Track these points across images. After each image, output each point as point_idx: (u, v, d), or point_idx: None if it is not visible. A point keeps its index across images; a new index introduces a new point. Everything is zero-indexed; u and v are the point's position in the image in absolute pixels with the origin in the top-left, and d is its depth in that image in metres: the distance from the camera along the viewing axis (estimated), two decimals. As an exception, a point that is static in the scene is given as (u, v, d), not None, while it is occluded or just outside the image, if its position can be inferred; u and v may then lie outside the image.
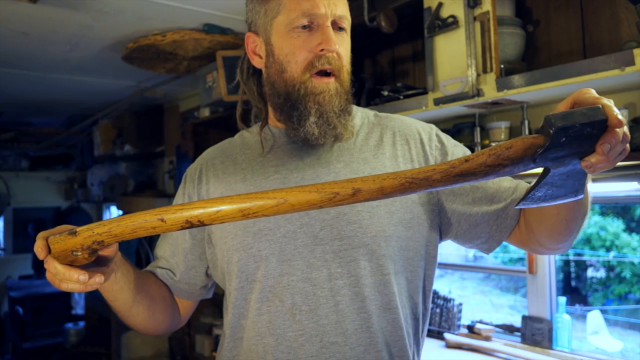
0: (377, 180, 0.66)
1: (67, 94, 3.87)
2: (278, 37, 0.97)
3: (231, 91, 2.61)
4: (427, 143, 1.01)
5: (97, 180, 5.26)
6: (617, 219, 3.66)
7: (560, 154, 0.63)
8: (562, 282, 3.60)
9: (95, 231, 0.72)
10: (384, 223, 0.93)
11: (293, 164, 0.99)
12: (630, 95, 1.66)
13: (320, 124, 0.94)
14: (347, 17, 0.98)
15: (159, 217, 0.69)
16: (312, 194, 0.66)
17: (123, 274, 0.91)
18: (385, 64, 2.45)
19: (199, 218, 0.68)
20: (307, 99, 0.95)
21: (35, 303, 5.27)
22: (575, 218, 0.84)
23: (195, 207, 0.68)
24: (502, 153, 0.63)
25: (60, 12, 2.21)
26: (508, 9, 1.82)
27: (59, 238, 0.73)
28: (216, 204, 0.68)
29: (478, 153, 0.65)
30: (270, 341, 0.93)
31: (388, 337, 0.93)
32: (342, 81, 0.97)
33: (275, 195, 0.67)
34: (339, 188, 0.66)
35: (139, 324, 1.02)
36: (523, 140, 0.63)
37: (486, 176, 0.65)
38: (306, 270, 0.92)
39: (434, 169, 0.65)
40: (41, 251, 0.74)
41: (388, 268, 0.93)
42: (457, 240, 1.03)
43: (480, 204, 0.96)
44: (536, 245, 0.94)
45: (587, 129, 0.61)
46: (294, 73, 0.95)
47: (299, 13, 0.94)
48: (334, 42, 0.93)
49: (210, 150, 1.12)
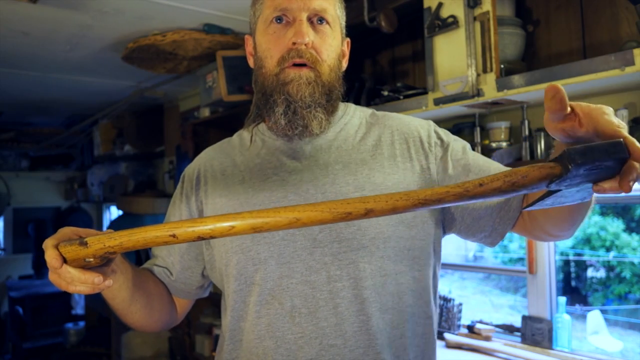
0: (389, 202, 0.66)
1: (67, 94, 3.87)
2: (259, 35, 0.99)
3: (231, 91, 2.61)
4: (426, 141, 1.01)
5: (97, 180, 5.25)
6: (617, 219, 3.66)
7: (575, 182, 0.63)
8: (562, 282, 3.60)
9: (106, 244, 0.72)
10: (383, 224, 0.92)
11: (291, 165, 0.98)
12: (630, 95, 1.66)
13: (287, 114, 0.94)
14: (327, 9, 0.96)
15: (170, 233, 0.69)
16: (324, 214, 0.67)
17: (122, 273, 0.91)
18: (385, 64, 2.45)
19: (211, 234, 0.69)
20: (276, 89, 0.95)
21: (35, 303, 5.27)
22: (579, 209, 0.84)
23: (207, 223, 0.69)
24: (517, 181, 0.63)
25: (60, 12, 2.21)
26: (508, 9, 1.82)
27: (71, 249, 0.74)
28: (229, 219, 0.68)
29: (493, 178, 0.65)
30: (269, 344, 0.92)
31: (388, 339, 0.92)
32: (321, 73, 0.95)
33: (288, 214, 0.67)
34: (351, 208, 0.67)
35: (137, 321, 1.02)
36: (540, 171, 0.63)
37: (497, 197, 0.66)
38: (305, 272, 0.92)
39: (448, 191, 0.66)
40: (57, 261, 0.73)
41: (388, 269, 0.92)
42: (461, 235, 1.02)
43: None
44: (540, 232, 0.94)
45: (606, 164, 0.60)
46: (270, 67, 0.96)
47: (272, 8, 0.95)
48: (305, 35, 0.93)
49: (209, 151, 1.11)
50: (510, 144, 1.90)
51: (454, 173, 0.97)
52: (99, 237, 0.73)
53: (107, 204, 5.96)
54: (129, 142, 4.38)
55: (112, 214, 6.20)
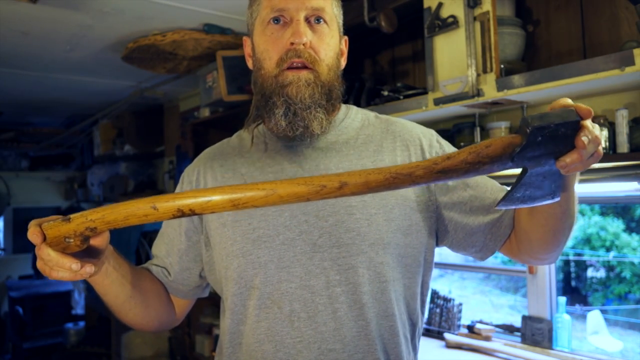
0: (362, 175, 0.69)
1: (67, 94, 3.87)
2: (257, 36, 0.99)
3: (231, 91, 2.61)
4: (427, 149, 1.01)
5: (97, 180, 5.26)
6: (617, 219, 3.66)
7: (537, 153, 0.67)
8: (562, 282, 3.60)
9: (88, 217, 0.73)
10: (382, 230, 0.93)
11: (292, 170, 0.98)
12: (630, 95, 1.66)
13: (288, 115, 0.94)
14: (325, 8, 0.96)
15: (151, 204, 0.71)
16: (300, 187, 0.69)
17: (115, 268, 0.91)
18: (385, 64, 2.45)
19: (190, 207, 0.70)
20: (276, 91, 0.95)
21: (35, 303, 5.27)
22: (562, 229, 0.86)
23: (187, 197, 0.71)
24: (481, 151, 0.67)
25: (60, 12, 2.21)
26: (508, 9, 1.82)
27: (53, 224, 0.74)
28: (207, 193, 0.70)
29: (460, 151, 0.69)
30: (269, 348, 0.92)
31: (386, 344, 0.93)
32: (320, 74, 0.95)
33: (265, 186, 0.69)
34: (326, 181, 0.69)
35: (132, 319, 1.01)
36: (502, 140, 0.67)
37: (467, 173, 0.69)
38: (304, 277, 0.92)
39: (418, 165, 0.69)
40: (36, 237, 0.73)
41: (386, 275, 0.93)
42: (452, 248, 1.04)
43: (477, 214, 0.97)
44: (525, 255, 0.96)
45: (561, 129, 0.65)
46: (269, 68, 0.96)
47: (269, 9, 0.95)
48: (303, 35, 0.92)
49: (208, 152, 1.11)
50: (510, 144, 1.89)
51: (453, 184, 0.98)
52: (82, 212, 0.74)
53: (107, 204, 5.95)
54: (129, 142, 4.38)
55: (112, 214, 6.18)
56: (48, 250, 0.74)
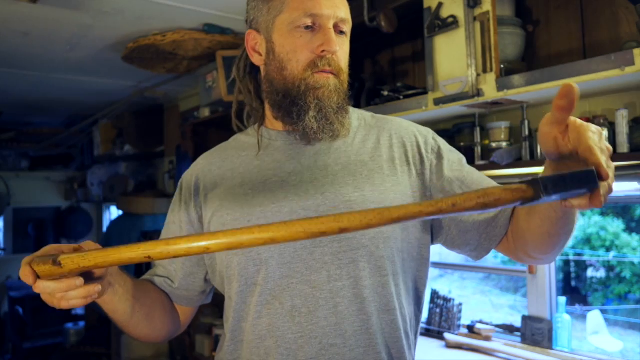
0: (364, 221, 0.66)
1: (67, 94, 3.87)
2: (280, 35, 0.98)
3: (231, 91, 2.61)
4: (423, 146, 1.02)
5: (97, 180, 5.26)
6: (617, 219, 3.66)
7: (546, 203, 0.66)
8: (562, 282, 3.60)
9: (80, 265, 0.71)
10: None
11: (291, 166, 0.99)
12: (630, 95, 1.66)
13: (319, 118, 0.96)
14: (348, 20, 0.99)
15: (145, 255, 0.69)
16: (299, 235, 0.67)
17: (121, 285, 0.91)
18: (385, 64, 2.45)
19: (186, 254, 0.69)
20: (307, 94, 0.96)
21: (35, 303, 5.26)
22: (557, 234, 0.85)
23: (181, 243, 0.68)
24: (489, 203, 0.64)
25: (60, 12, 2.21)
26: (508, 9, 1.82)
27: (45, 268, 0.73)
28: (204, 239, 0.68)
29: (466, 198, 0.65)
30: (270, 343, 0.93)
31: (387, 339, 0.93)
32: (342, 81, 0.99)
33: (263, 234, 0.66)
34: (325, 227, 0.66)
35: (140, 332, 1.02)
36: (512, 194, 0.64)
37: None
38: (305, 272, 0.92)
39: (421, 211, 0.66)
40: (28, 278, 0.74)
41: (387, 269, 0.93)
42: (447, 246, 1.04)
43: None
44: (522, 253, 0.95)
45: (578, 192, 0.63)
46: (295, 71, 0.96)
47: (302, 12, 0.95)
48: (335, 44, 0.95)
49: (206, 156, 1.11)
50: (510, 144, 1.90)
51: (447, 182, 0.98)
52: (72, 257, 0.72)
53: (107, 204, 5.96)
54: (129, 142, 4.38)
55: (112, 214, 6.20)
56: (44, 283, 0.74)
